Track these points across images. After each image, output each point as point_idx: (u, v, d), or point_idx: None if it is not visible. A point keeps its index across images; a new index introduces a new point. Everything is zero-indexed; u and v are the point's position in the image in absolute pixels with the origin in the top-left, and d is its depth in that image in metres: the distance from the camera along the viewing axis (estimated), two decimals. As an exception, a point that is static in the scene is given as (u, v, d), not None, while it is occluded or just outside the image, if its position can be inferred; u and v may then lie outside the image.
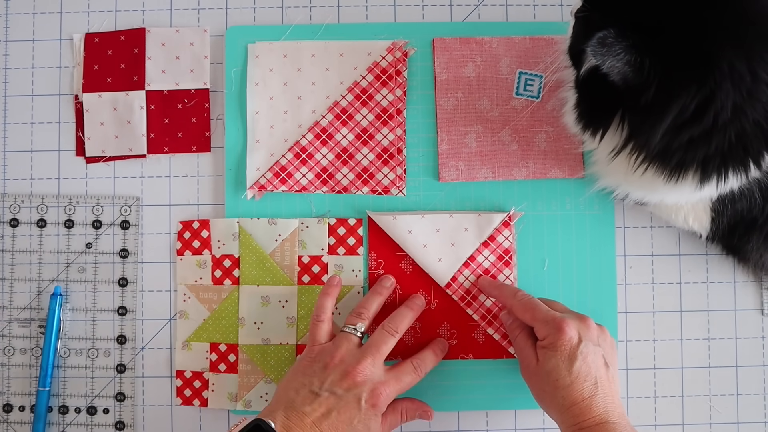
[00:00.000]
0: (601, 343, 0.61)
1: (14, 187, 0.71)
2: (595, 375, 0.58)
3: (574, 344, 0.59)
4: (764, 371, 0.70)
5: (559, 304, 0.66)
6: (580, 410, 0.57)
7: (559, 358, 0.59)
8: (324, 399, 0.59)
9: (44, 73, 0.72)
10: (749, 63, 0.51)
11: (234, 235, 0.69)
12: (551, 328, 0.60)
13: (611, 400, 0.58)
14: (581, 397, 0.57)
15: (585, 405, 0.57)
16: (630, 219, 0.71)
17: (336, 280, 0.67)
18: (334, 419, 0.58)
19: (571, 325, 0.60)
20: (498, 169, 0.70)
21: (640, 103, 0.53)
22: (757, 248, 0.63)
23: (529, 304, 0.63)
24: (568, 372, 0.58)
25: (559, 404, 0.59)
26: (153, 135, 0.71)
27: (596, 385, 0.58)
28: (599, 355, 0.59)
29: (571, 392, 0.58)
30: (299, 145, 0.70)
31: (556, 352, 0.59)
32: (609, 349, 0.61)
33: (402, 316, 0.65)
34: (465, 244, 0.68)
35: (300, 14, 0.72)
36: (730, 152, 0.53)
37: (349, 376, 0.60)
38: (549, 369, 0.59)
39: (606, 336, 0.62)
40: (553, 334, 0.60)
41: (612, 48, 0.51)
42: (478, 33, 0.70)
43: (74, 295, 0.70)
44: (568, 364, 0.58)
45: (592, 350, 0.59)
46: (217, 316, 0.69)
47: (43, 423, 0.68)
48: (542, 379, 0.60)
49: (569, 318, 0.61)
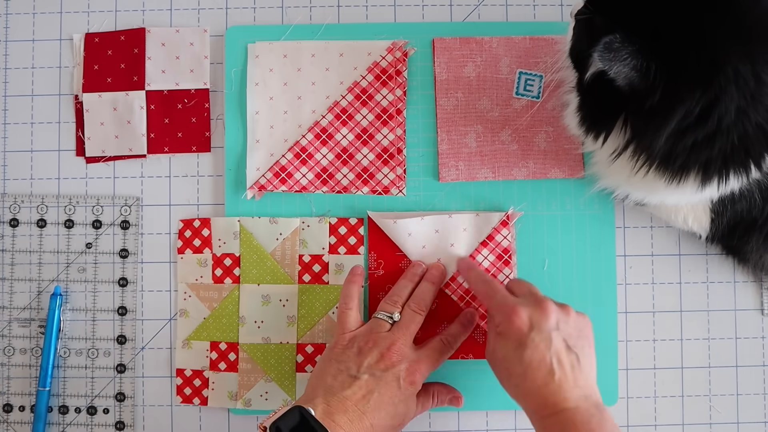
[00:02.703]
0: (562, 327, 0.58)
1: (14, 187, 0.71)
2: (550, 362, 0.56)
3: (525, 332, 0.57)
4: (764, 371, 0.70)
5: (525, 284, 0.63)
6: (537, 401, 0.56)
7: (510, 347, 0.58)
8: (364, 381, 0.59)
9: (44, 73, 0.72)
10: (753, 66, 0.51)
11: (235, 233, 0.69)
12: (503, 314, 0.59)
13: (573, 385, 0.56)
14: (535, 386, 0.56)
15: (540, 394, 0.56)
16: (630, 219, 0.71)
17: (359, 269, 0.67)
18: (376, 399, 0.58)
19: (523, 311, 0.58)
20: (498, 169, 0.70)
21: (645, 107, 0.53)
22: (757, 249, 0.63)
23: (487, 288, 0.62)
24: (519, 360, 0.57)
25: (514, 392, 0.58)
26: (153, 135, 0.71)
27: (551, 373, 0.56)
28: (557, 341, 0.57)
29: (524, 381, 0.57)
30: (299, 145, 0.70)
31: (507, 339, 0.58)
32: (574, 331, 0.59)
33: (425, 293, 0.65)
34: (464, 244, 0.69)
35: (300, 14, 0.72)
36: (732, 154, 0.53)
37: (385, 357, 0.60)
38: (501, 357, 0.58)
39: (569, 318, 0.59)
40: (504, 321, 0.58)
41: (619, 53, 0.50)
42: (478, 33, 0.71)
43: (74, 295, 0.70)
44: (518, 353, 0.57)
45: (546, 337, 0.57)
46: (218, 315, 0.69)
47: (43, 423, 0.68)
48: (497, 367, 0.60)
49: (523, 304, 0.59)
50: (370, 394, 0.58)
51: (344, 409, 0.57)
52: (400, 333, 0.62)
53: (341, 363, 0.60)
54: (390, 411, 0.59)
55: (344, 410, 0.57)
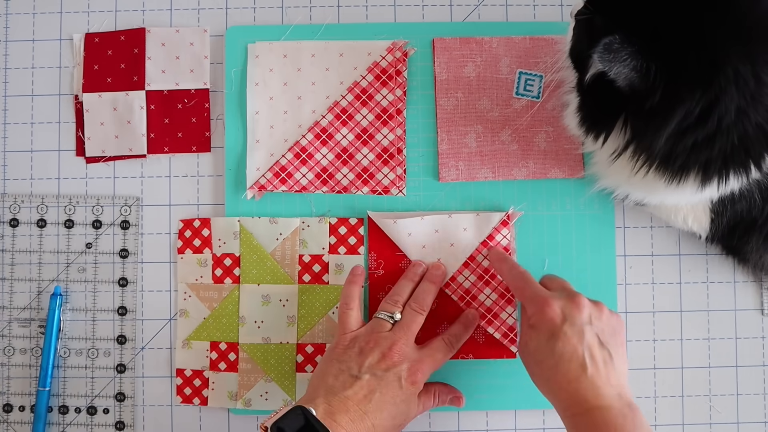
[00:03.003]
0: (595, 322, 0.58)
1: (14, 187, 0.71)
2: (582, 356, 0.56)
3: (557, 323, 0.57)
4: (764, 371, 0.70)
5: (558, 280, 0.64)
6: (568, 394, 0.56)
7: (542, 338, 0.57)
8: (365, 381, 0.59)
9: (44, 73, 0.72)
10: (753, 66, 0.51)
11: (235, 233, 0.69)
12: (536, 306, 0.59)
13: (605, 382, 0.55)
14: (566, 379, 0.56)
15: (572, 388, 0.55)
16: (630, 219, 0.71)
17: (360, 269, 0.67)
18: (378, 399, 0.58)
19: (555, 303, 0.58)
20: (498, 169, 0.70)
21: (645, 107, 0.53)
22: (757, 249, 0.63)
23: (520, 281, 0.62)
24: (551, 352, 0.57)
25: (546, 387, 0.58)
26: (153, 135, 0.71)
27: (583, 367, 0.55)
28: (590, 335, 0.57)
29: (556, 374, 0.56)
30: (299, 145, 0.70)
31: (539, 331, 0.58)
32: (607, 328, 0.58)
33: (426, 292, 0.65)
34: (464, 244, 0.68)
35: (300, 14, 0.72)
36: (732, 154, 0.53)
37: (386, 357, 0.60)
38: (533, 349, 0.58)
39: (603, 315, 0.59)
40: (537, 313, 0.58)
41: (619, 54, 0.50)
42: (478, 33, 0.71)
43: (74, 295, 0.70)
44: (550, 345, 0.57)
45: (578, 330, 0.57)
46: (218, 315, 0.69)
47: (43, 423, 0.68)
48: (529, 359, 0.59)
49: (556, 296, 0.59)
50: (371, 393, 0.58)
51: (346, 409, 0.57)
52: (401, 333, 0.62)
53: (342, 363, 0.60)
54: (391, 411, 0.59)
55: (346, 410, 0.57)
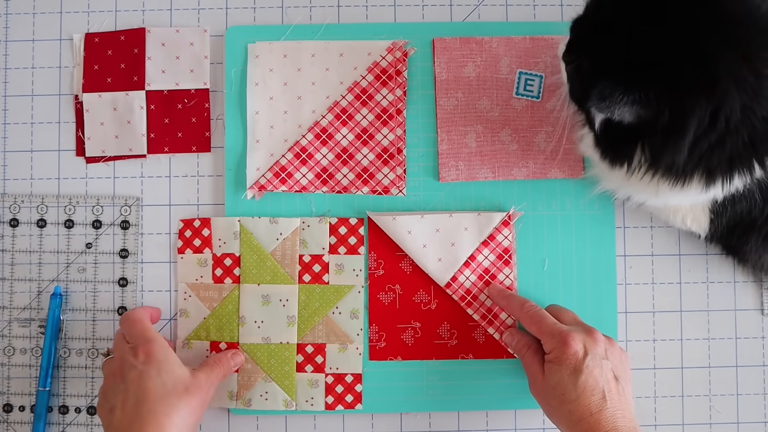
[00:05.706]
0: (610, 357, 0.60)
1: (14, 187, 0.71)
2: (602, 389, 0.58)
3: (580, 358, 0.59)
4: (764, 371, 0.70)
5: (569, 313, 0.65)
6: (589, 425, 0.57)
7: (564, 372, 0.58)
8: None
9: (44, 73, 0.72)
10: (749, 63, 0.51)
11: (235, 233, 0.69)
12: (557, 341, 0.60)
13: (621, 415, 0.57)
14: (588, 411, 0.57)
15: (593, 420, 0.57)
16: (630, 219, 0.71)
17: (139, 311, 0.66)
18: None
19: (577, 338, 0.59)
20: (498, 169, 0.70)
21: (657, 128, 0.53)
22: (756, 249, 0.63)
23: (536, 316, 0.63)
24: (573, 386, 0.58)
25: (567, 419, 0.58)
26: (153, 135, 0.71)
27: (604, 399, 0.57)
28: (607, 369, 0.59)
29: (578, 407, 0.57)
30: (299, 145, 0.70)
31: (561, 365, 0.59)
32: (618, 363, 0.61)
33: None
34: (465, 244, 0.68)
35: (300, 14, 0.72)
36: (740, 153, 0.54)
37: None
38: (554, 383, 0.59)
39: (615, 349, 0.62)
40: (558, 347, 0.59)
41: (613, 97, 0.51)
42: (478, 33, 0.71)
43: (74, 295, 0.70)
44: (573, 378, 0.58)
45: (598, 363, 0.59)
46: (218, 315, 0.69)
47: (43, 423, 0.68)
48: (549, 394, 0.60)
49: (575, 331, 0.60)
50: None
51: None
52: None
53: None
54: None
55: None
